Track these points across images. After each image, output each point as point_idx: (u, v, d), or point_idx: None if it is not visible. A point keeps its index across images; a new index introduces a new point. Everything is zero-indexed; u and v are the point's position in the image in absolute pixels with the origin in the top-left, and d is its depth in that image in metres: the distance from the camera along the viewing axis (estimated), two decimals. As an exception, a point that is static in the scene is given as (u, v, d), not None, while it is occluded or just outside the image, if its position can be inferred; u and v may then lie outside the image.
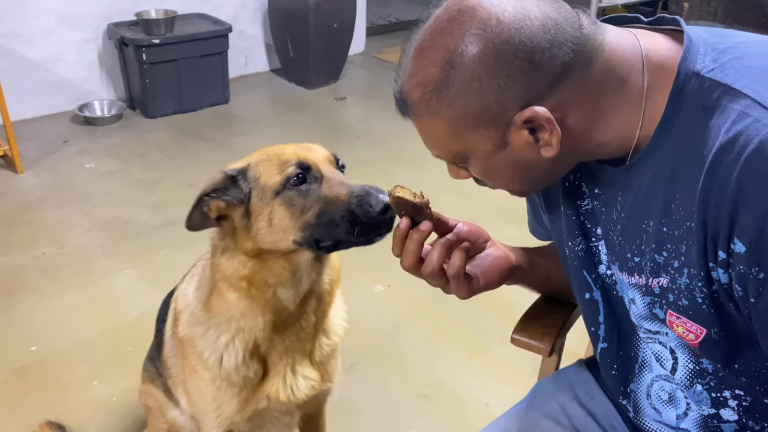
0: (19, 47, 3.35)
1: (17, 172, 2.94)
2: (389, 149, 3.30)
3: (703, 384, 0.79)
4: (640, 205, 0.74)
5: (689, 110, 0.67)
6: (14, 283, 2.24)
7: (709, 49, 0.68)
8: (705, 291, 0.69)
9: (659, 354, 0.82)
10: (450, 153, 0.76)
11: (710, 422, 0.80)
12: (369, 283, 2.32)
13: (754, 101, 0.62)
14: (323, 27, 3.85)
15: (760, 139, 0.60)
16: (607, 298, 0.86)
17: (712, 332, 0.72)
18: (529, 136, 0.70)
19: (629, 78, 0.70)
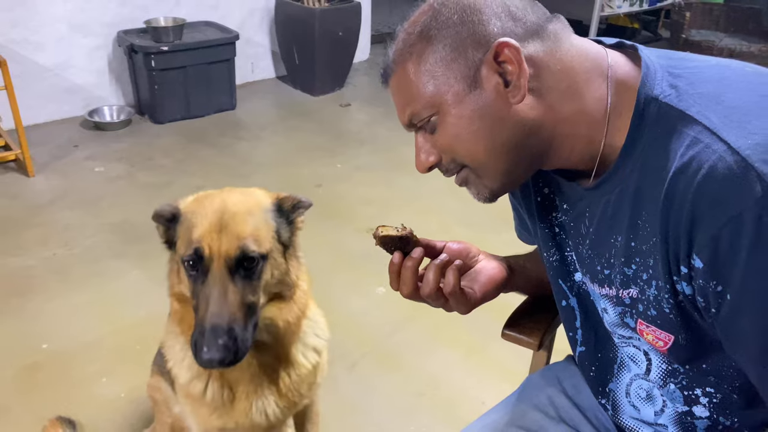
0: (32, 54, 3.43)
1: (29, 175, 3.01)
2: (392, 156, 3.35)
3: (676, 383, 0.83)
4: (608, 221, 0.78)
5: (650, 134, 0.71)
6: (26, 283, 2.30)
7: (666, 74, 0.73)
8: (672, 302, 0.74)
9: (634, 356, 0.87)
10: (421, 101, 0.77)
11: (684, 418, 0.84)
12: (371, 285, 2.37)
13: (705, 128, 0.67)
14: (328, 35, 3.92)
15: (710, 165, 0.64)
16: (583, 305, 0.91)
17: (680, 338, 0.76)
18: (499, 79, 0.73)
19: (594, 79, 0.74)
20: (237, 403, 1.16)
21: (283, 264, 1.07)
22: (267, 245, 1.03)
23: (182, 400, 1.21)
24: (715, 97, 0.69)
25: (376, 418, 1.84)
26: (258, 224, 1.03)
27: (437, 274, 0.87)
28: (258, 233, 1.02)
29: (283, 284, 1.09)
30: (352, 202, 2.91)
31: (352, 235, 2.66)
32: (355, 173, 3.20)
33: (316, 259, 2.53)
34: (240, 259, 0.99)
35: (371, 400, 1.89)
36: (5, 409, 1.80)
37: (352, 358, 2.04)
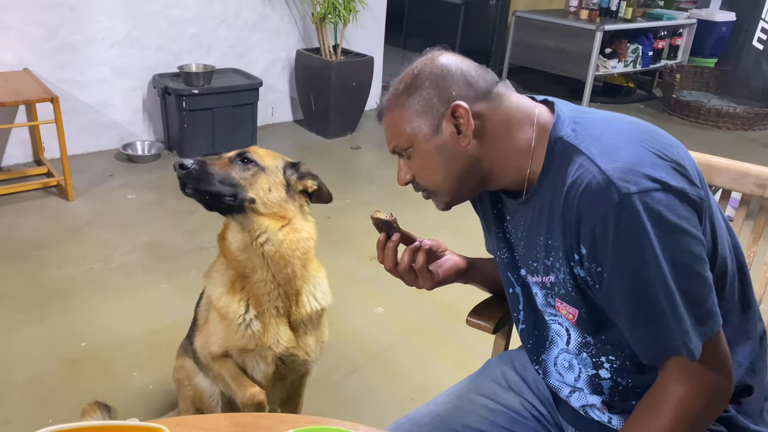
0: (77, 92, 3.80)
1: (69, 199, 3.34)
2: (397, 193, 3.66)
3: (587, 352, 1.11)
4: (534, 226, 1.08)
5: (557, 163, 1.01)
6: (68, 291, 2.61)
7: (570, 122, 1.03)
8: (572, 282, 1.02)
9: (558, 332, 1.14)
10: (402, 138, 1.05)
11: (594, 380, 1.12)
12: (371, 305, 2.66)
13: (588, 157, 0.96)
14: (343, 85, 4.29)
15: (587, 181, 0.94)
16: (526, 293, 1.18)
17: (582, 312, 1.05)
18: (454, 129, 1.01)
19: (524, 125, 1.05)
20: (257, 324, 1.48)
21: (282, 192, 1.46)
22: (267, 163, 1.48)
23: (213, 319, 1.53)
24: (598, 137, 0.99)
25: (371, 416, 2.10)
26: (267, 155, 1.51)
27: (411, 255, 1.19)
28: (263, 157, 1.49)
29: (280, 208, 1.45)
30: (359, 232, 3.22)
31: (357, 262, 2.96)
32: (362, 207, 3.52)
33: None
34: (239, 155, 1.47)
35: (367, 403, 2.16)
36: (51, 395, 2.08)
37: (353, 365, 2.31)
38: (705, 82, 6.11)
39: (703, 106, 5.46)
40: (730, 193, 1.47)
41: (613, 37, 5.76)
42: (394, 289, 2.76)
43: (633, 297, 0.94)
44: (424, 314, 2.61)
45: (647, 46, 5.90)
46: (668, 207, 0.91)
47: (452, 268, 1.26)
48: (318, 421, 0.94)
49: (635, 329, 0.97)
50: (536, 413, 1.24)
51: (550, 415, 1.24)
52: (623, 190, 0.90)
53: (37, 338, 2.35)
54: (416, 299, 2.67)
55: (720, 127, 5.39)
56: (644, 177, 0.91)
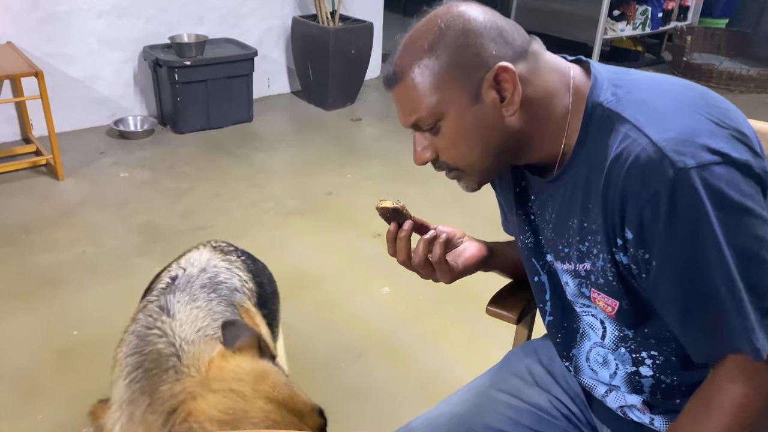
0: (64, 66, 3.64)
1: (59, 179, 3.20)
2: (401, 169, 3.53)
3: (626, 347, 0.98)
4: (565, 207, 0.94)
5: (595, 133, 0.88)
6: (58, 277, 2.49)
7: (610, 85, 0.89)
8: (614, 271, 0.90)
9: (592, 324, 1.02)
10: (427, 110, 0.88)
11: (633, 378, 1.00)
12: (377, 285, 2.54)
13: (634, 126, 0.83)
14: (341, 53, 4.12)
15: (635, 154, 0.80)
16: (553, 281, 1.06)
17: (623, 304, 0.92)
18: (497, 95, 0.87)
19: (560, 90, 0.90)
20: None
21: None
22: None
23: None
24: (644, 102, 0.85)
25: (377, 405, 1.99)
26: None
27: (426, 248, 1.04)
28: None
29: None
30: (360, 209, 3.08)
31: (360, 240, 2.83)
32: (364, 183, 3.38)
33: (327, 261, 2.74)
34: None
35: (374, 389, 2.05)
36: (41, 388, 1.97)
37: (358, 350, 2.20)
38: (716, 44, 5.91)
39: (715, 69, 5.28)
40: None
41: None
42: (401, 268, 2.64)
43: (687, 288, 0.81)
44: (432, 294, 2.49)
45: (656, 7, 5.68)
46: (730, 183, 0.78)
47: (473, 258, 1.12)
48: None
49: (688, 325, 0.85)
50: (566, 411, 1.12)
51: (582, 413, 1.12)
52: (679, 164, 0.77)
53: (25, 327, 2.23)
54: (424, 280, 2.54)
55: (733, 90, 5.22)
56: (702, 148, 0.78)
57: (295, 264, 2.65)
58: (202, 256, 1.47)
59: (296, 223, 2.96)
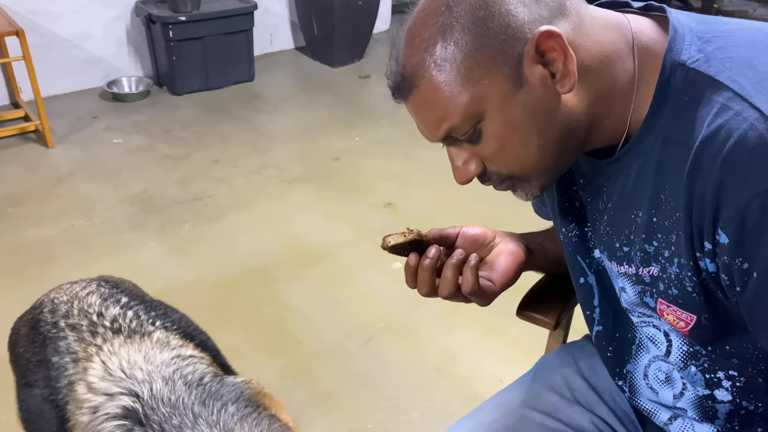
0: (50, 24, 3.42)
1: (48, 146, 3.02)
2: (411, 129, 3.24)
3: (697, 365, 0.80)
4: (628, 195, 0.74)
5: (675, 102, 0.67)
6: (46, 253, 2.33)
7: (695, 39, 0.68)
8: (695, 280, 0.70)
9: (653, 337, 0.83)
10: (461, 114, 0.69)
11: (705, 402, 0.81)
12: (388, 260, 2.33)
13: (736, 94, 0.62)
14: (347, 4, 3.85)
15: (740, 133, 0.60)
16: (602, 283, 0.87)
17: (702, 318, 0.73)
18: (544, 70, 0.67)
19: (620, 50, 0.70)
20: None
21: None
22: None
23: None
24: (748, 61, 0.64)
25: (390, 393, 1.83)
26: None
27: (455, 274, 0.83)
28: None
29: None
30: (371, 176, 2.88)
31: (370, 210, 2.63)
32: (374, 147, 3.17)
33: (334, 234, 2.55)
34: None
35: (386, 376, 1.89)
36: (26, 377, 1.83)
37: (368, 333, 2.03)
38: (748, -11, 5.54)
39: (748, 16, 4.94)
40: None
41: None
42: (413, 241, 2.46)
43: None
44: (447, 268, 2.31)
45: (686, -50, 5.30)
46: None
47: (510, 270, 0.90)
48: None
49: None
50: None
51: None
52: None
53: (12, 307, 2.05)
54: (438, 251, 2.36)
55: (766, 39, 4.90)
56: None
57: (300, 237, 2.47)
58: (127, 356, 1.00)
59: (301, 192, 2.77)
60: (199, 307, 2.09)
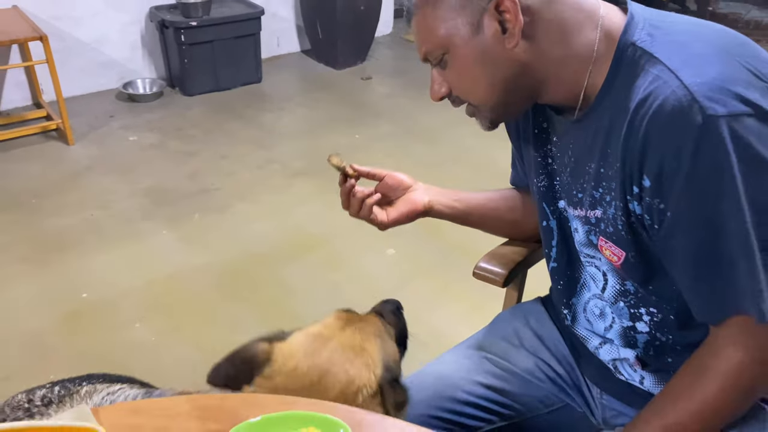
0: (70, 29, 3.62)
1: (68, 143, 3.22)
2: (409, 125, 3.48)
3: (625, 302, 0.96)
4: (585, 151, 0.91)
5: (624, 74, 0.83)
6: (66, 240, 2.52)
7: (647, 25, 0.84)
8: (624, 220, 0.86)
9: (594, 275, 1.00)
10: (435, 41, 0.88)
11: (628, 332, 0.98)
12: (382, 246, 2.53)
13: (667, 67, 0.78)
14: (350, 9, 4.02)
15: (663, 98, 0.76)
16: (561, 228, 1.04)
17: (630, 256, 0.89)
18: (498, 26, 0.83)
19: (585, 27, 0.85)
20: None
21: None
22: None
23: None
24: (683, 44, 0.80)
25: (381, 364, 2.00)
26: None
27: (358, 203, 1.12)
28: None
29: None
30: (369, 170, 3.05)
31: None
32: (373, 143, 3.34)
33: (333, 223, 2.72)
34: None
35: (377, 348, 2.06)
36: (51, 349, 2.02)
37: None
38: (745, -9, 5.64)
39: (741, 19, 5.07)
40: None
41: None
42: (407, 231, 2.61)
43: (700, 243, 0.78)
44: (436, 255, 2.48)
45: (681, -47, 5.43)
46: (761, 137, 0.74)
47: (402, 213, 1.16)
48: (291, 403, 0.81)
49: (697, 282, 0.82)
50: (552, 374, 1.11)
51: (568, 374, 1.11)
52: (709, 110, 0.73)
53: (36, 290, 2.27)
54: (429, 241, 2.53)
55: (759, 40, 4.93)
56: (736, 97, 0.74)
57: (301, 226, 2.65)
58: None
59: (303, 185, 2.95)
60: (208, 289, 2.29)
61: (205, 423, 0.78)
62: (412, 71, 4.14)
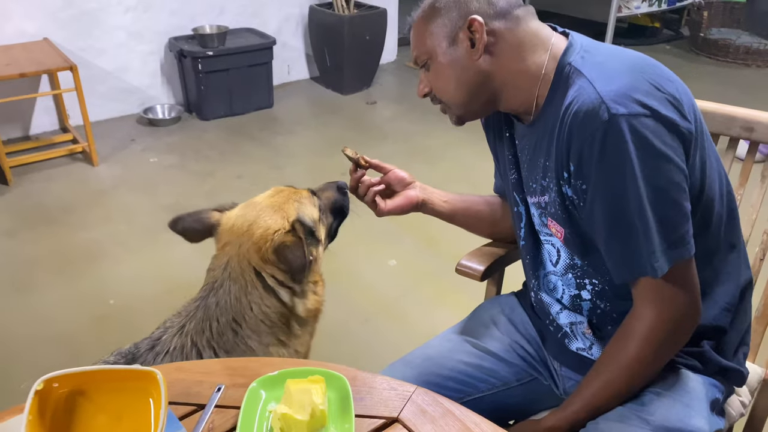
0: (96, 59, 3.89)
1: (93, 165, 3.46)
2: (412, 147, 3.70)
3: (573, 274, 1.16)
4: (537, 149, 1.12)
5: (562, 87, 1.04)
6: (95, 252, 2.74)
7: (581, 49, 1.06)
8: (559, 201, 1.07)
9: (550, 251, 1.20)
10: (423, 49, 1.11)
11: (575, 300, 1.18)
12: (384, 258, 2.73)
13: (587, 80, 1.00)
14: (356, 39, 4.28)
15: (581, 101, 0.97)
16: (527, 213, 1.24)
17: (567, 232, 1.10)
18: (469, 43, 1.06)
19: (538, 50, 1.07)
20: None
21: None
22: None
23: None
24: (602, 64, 1.02)
25: (382, 362, 2.18)
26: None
27: (365, 189, 1.35)
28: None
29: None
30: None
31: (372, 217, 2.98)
32: (377, 163, 3.56)
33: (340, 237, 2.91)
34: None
35: (380, 348, 2.25)
36: (82, 349, 2.22)
37: (366, 315, 2.40)
38: (736, 18, 5.87)
39: (732, 44, 5.28)
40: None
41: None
42: (408, 242, 2.83)
43: (610, 214, 0.99)
44: (435, 265, 2.67)
45: (673, -17, 5.68)
46: (655, 133, 0.94)
47: (398, 205, 1.37)
48: (305, 363, 1.01)
49: (609, 246, 1.02)
50: (522, 353, 1.30)
51: (536, 353, 1.30)
52: (612, 110, 0.94)
53: (68, 297, 2.49)
54: (429, 252, 2.73)
55: (749, 65, 5.22)
56: (636, 102, 0.95)
57: (309, 239, 2.86)
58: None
59: (312, 202, 3.16)
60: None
61: (233, 378, 0.99)
62: (414, 97, 4.30)
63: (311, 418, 0.86)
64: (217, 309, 1.27)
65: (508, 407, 1.29)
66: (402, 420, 0.91)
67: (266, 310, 1.26)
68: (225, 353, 1.22)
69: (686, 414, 1.06)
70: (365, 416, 0.91)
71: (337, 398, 0.92)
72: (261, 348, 1.23)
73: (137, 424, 0.86)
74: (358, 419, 0.89)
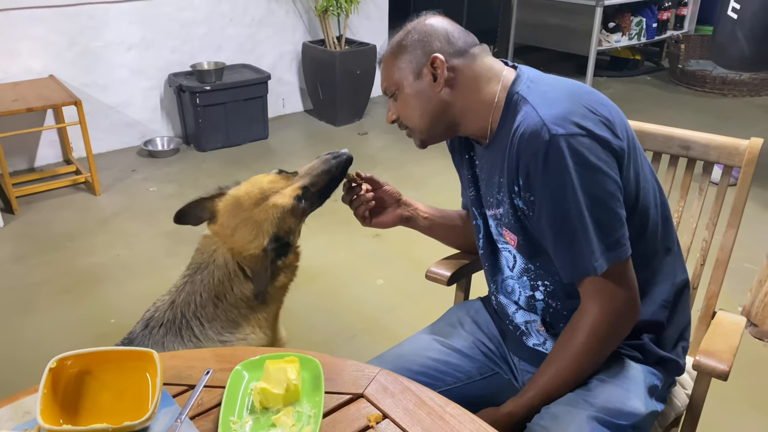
0: (99, 94, 4.08)
1: (96, 194, 3.62)
2: (402, 174, 3.87)
3: (528, 276, 1.30)
4: (493, 167, 1.27)
5: (511, 113, 1.20)
6: (98, 276, 2.88)
7: (528, 80, 1.22)
8: (512, 212, 1.22)
9: (507, 258, 1.34)
10: (391, 81, 1.25)
11: (530, 300, 1.32)
12: (372, 278, 2.87)
13: (532, 106, 1.15)
14: (348, 74, 4.48)
15: (526, 125, 1.12)
16: (485, 225, 1.39)
17: (520, 239, 1.24)
18: (431, 77, 1.21)
19: (492, 82, 1.23)
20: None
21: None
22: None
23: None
24: (545, 92, 1.18)
25: (368, 374, 2.31)
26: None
27: (358, 202, 1.48)
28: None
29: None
30: (362, 213, 3.42)
31: (361, 239, 3.17)
32: (367, 190, 3.72)
33: (331, 258, 3.08)
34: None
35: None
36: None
37: (352, 332, 2.53)
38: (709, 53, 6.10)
39: (708, 75, 5.50)
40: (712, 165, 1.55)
41: (616, 11, 5.82)
42: (395, 263, 2.98)
43: (555, 222, 1.14)
44: (421, 285, 2.74)
45: (651, 18, 5.94)
46: (590, 150, 1.10)
47: (384, 220, 1.53)
48: (284, 351, 1.15)
49: (556, 249, 1.17)
50: (485, 349, 1.44)
51: (497, 349, 1.44)
52: (553, 131, 1.09)
53: (72, 317, 2.62)
54: (415, 272, 2.86)
55: (726, 94, 5.43)
56: (573, 124, 1.10)
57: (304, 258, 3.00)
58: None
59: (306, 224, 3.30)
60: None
61: (221, 363, 1.13)
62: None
63: (286, 392, 1.00)
64: (202, 285, 1.52)
65: (472, 399, 1.40)
66: (366, 395, 1.05)
67: (245, 291, 1.48)
68: (207, 323, 1.46)
69: (626, 397, 1.20)
70: (334, 392, 1.05)
71: (310, 377, 1.05)
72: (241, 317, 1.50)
73: (136, 400, 0.99)
74: (327, 395, 1.03)
